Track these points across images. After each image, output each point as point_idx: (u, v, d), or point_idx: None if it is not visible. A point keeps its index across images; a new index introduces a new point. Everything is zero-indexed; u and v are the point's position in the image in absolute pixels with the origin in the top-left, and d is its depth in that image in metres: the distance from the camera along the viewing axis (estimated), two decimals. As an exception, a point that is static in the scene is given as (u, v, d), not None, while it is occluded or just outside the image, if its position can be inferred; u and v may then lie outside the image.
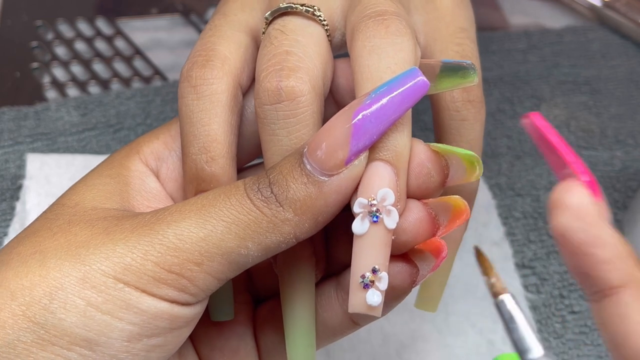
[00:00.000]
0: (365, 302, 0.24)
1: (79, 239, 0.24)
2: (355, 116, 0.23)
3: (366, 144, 0.23)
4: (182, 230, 0.23)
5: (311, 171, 0.23)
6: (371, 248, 0.24)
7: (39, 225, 0.25)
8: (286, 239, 0.24)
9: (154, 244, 0.23)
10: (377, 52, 0.25)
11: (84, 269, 0.23)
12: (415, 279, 0.26)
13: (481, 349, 0.39)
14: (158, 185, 0.28)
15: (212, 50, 0.27)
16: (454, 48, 0.30)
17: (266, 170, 0.24)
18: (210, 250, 0.23)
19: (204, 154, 0.26)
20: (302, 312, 0.26)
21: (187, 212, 0.24)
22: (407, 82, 0.23)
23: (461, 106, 0.29)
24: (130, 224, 0.24)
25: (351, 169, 0.23)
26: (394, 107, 0.23)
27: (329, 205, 0.24)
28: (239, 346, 0.29)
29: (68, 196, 0.26)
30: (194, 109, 0.26)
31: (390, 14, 0.25)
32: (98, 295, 0.23)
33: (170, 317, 0.24)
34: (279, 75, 0.25)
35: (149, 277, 0.23)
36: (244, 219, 0.23)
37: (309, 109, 0.25)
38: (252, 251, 0.24)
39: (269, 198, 0.23)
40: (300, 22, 0.26)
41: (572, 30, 0.56)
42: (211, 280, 0.24)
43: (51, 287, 0.23)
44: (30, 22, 0.53)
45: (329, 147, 0.23)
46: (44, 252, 0.24)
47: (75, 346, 0.23)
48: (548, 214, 0.22)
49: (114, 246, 0.23)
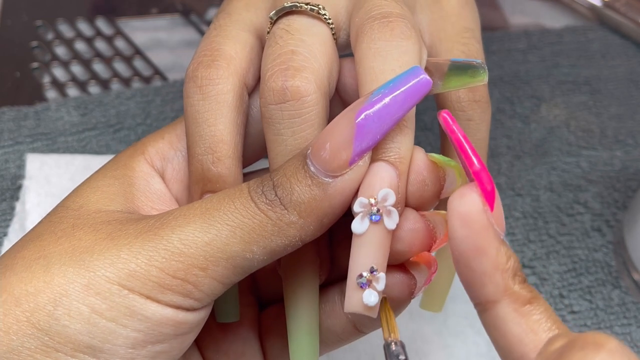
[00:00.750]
0: (361, 301, 0.23)
1: (83, 244, 0.24)
2: (358, 116, 0.23)
3: (370, 144, 0.23)
4: (186, 235, 0.23)
5: (315, 173, 0.23)
6: (370, 247, 0.23)
7: (43, 229, 0.25)
8: (291, 241, 0.24)
9: (158, 250, 0.23)
10: (381, 54, 0.24)
11: (89, 275, 0.23)
12: (414, 290, 0.26)
13: (481, 349, 0.39)
14: (163, 187, 0.28)
15: (217, 50, 0.27)
16: (460, 48, 0.30)
17: (270, 173, 0.24)
18: (215, 255, 0.23)
19: (210, 154, 0.26)
20: (305, 314, 0.26)
21: (191, 216, 0.24)
22: (410, 80, 0.23)
23: (467, 106, 0.29)
24: (134, 229, 0.24)
25: (355, 170, 0.23)
26: (397, 106, 0.23)
27: (334, 207, 0.24)
28: (244, 349, 0.29)
29: (72, 198, 0.26)
30: (199, 109, 0.26)
31: (395, 15, 0.25)
32: (102, 302, 0.23)
33: (174, 323, 0.24)
34: (284, 75, 0.25)
35: (153, 283, 0.23)
36: (248, 222, 0.23)
37: (314, 109, 0.25)
38: (257, 255, 0.23)
39: (273, 201, 0.23)
40: (306, 22, 0.26)
41: (572, 30, 0.56)
42: (216, 285, 0.24)
43: (55, 293, 0.23)
44: (30, 22, 0.53)
45: (332, 148, 0.23)
46: (48, 257, 0.24)
47: (79, 353, 0.23)
48: None
49: (118, 252, 0.23)
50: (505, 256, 0.22)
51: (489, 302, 0.22)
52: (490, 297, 0.22)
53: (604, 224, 0.44)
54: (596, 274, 0.42)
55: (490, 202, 0.22)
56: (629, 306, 0.41)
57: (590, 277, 0.42)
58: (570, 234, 0.44)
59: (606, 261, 0.43)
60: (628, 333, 0.40)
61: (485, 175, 0.22)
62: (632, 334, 0.40)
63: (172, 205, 0.28)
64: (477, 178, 0.22)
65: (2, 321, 0.22)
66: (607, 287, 0.42)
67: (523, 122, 0.49)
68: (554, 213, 0.45)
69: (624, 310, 0.41)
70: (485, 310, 0.22)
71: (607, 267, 0.42)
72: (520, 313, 0.21)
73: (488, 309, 0.22)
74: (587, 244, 0.43)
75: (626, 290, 0.42)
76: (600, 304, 0.41)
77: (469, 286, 0.22)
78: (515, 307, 0.21)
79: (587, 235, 0.44)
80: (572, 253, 0.43)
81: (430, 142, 0.47)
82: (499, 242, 0.22)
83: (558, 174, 0.46)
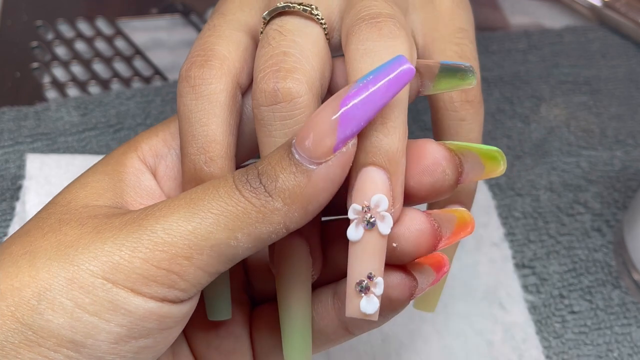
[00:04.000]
0: (361, 308, 0.24)
1: (68, 238, 0.24)
2: (342, 104, 0.23)
3: (354, 130, 0.23)
4: (170, 224, 0.23)
5: (300, 160, 0.23)
6: (366, 254, 0.24)
7: (31, 225, 0.25)
8: (276, 229, 0.23)
9: (142, 240, 0.23)
10: (369, 54, 0.25)
11: (72, 269, 0.23)
12: (414, 292, 0.26)
13: (481, 349, 0.39)
14: (154, 183, 0.28)
15: (210, 50, 0.27)
16: (453, 48, 0.30)
17: (255, 163, 0.24)
18: (199, 243, 0.23)
19: (203, 154, 0.26)
20: (298, 312, 0.26)
21: (175, 206, 0.23)
22: (394, 69, 0.23)
23: (459, 106, 0.29)
24: (119, 222, 0.24)
25: (339, 156, 0.23)
26: (381, 93, 0.23)
27: (319, 194, 0.23)
28: (235, 346, 0.29)
29: (62, 195, 0.26)
30: (192, 108, 0.26)
31: (384, 16, 0.25)
32: (86, 297, 0.23)
33: (158, 317, 0.23)
34: (275, 76, 0.25)
35: (137, 275, 0.23)
36: (232, 210, 0.23)
37: (306, 110, 0.25)
38: (241, 242, 0.23)
39: (257, 189, 0.23)
40: (298, 22, 0.26)
41: (572, 30, 0.56)
42: (201, 274, 0.23)
43: (40, 287, 0.23)
44: (30, 22, 0.53)
45: (316, 136, 0.23)
46: (34, 252, 0.24)
47: (62, 348, 0.23)
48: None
49: (102, 245, 0.23)
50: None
51: None
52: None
53: (604, 224, 0.44)
54: (596, 274, 0.42)
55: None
56: (629, 306, 0.41)
57: (590, 277, 0.42)
58: (570, 234, 0.44)
59: (606, 261, 0.43)
60: (628, 333, 0.40)
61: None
62: (632, 334, 0.40)
63: None
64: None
65: None
66: (607, 287, 0.42)
67: (523, 122, 0.49)
68: (554, 213, 0.45)
69: (624, 310, 0.41)
70: None
71: (607, 267, 0.42)
72: None
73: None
74: (587, 244, 0.43)
75: (626, 290, 0.42)
76: (600, 304, 0.41)
77: None
78: None
79: (587, 235, 0.44)
80: (572, 253, 0.43)
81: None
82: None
83: (558, 174, 0.46)
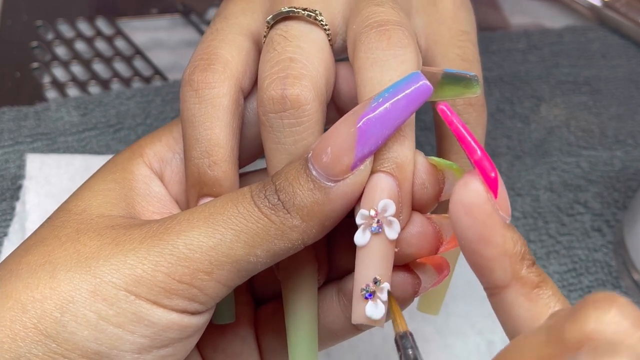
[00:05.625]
0: (367, 313, 0.24)
1: (87, 249, 0.24)
2: (359, 121, 0.23)
3: (371, 149, 0.23)
4: (191, 239, 0.23)
5: (317, 177, 0.23)
6: (373, 259, 0.24)
7: (46, 233, 0.25)
8: (294, 245, 0.24)
9: (164, 255, 0.23)
10: (379, 64, 0.25)
11: (95, 282, 0.23)
12: (417, 290, 0.26)
13: (481, 349, 0.39)
14: (162, 189, 0.28)
15: (213, 54, 0.27)
16: (455, 51, 0.30)
17: (271, 177, 0.24)
18: (220, 259, 0.23)
19: (206, 158, 0.26)
20: (304, 317, 0.27)
21: (195, 220, 0.24)
22: (410, 86, 0.23)
23: (462, 110, 0.29)
24: (139, 234, 0.24)
25: (357, 174, 0.23)
26: (398, 111, 0.23)
27: (336, 211, 0.24)
28: (242, 348, 0.29)
29: (74, 202, 0.26)
30: (195, 112, 0.26)
31: (392, 23, 0.25)
32: (109, 309, 0.23)
33: (180, 327, 0.24)
34: (283, 83, 0.25)
35: (160, 288, 0.23)
36: (252, 227, 0.23)
37: (313, 117, 0.25)
38: (260, 258, 0.24)
39: (276, 205, 0.23)
40: (303, 28, 0.26)
41: (572, 30, 0.56)
42: (220, 288, 0.24)
43: (62, 300, 0.23)
44: (30, 22, 0.53)
45: (334, 153, 0.23)
46: (53, 263, 0.24)
47: (86, 359, 0.23)
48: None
49: (124, 257, 0.23)
50: (512, 241, 0.22)
51: (498, 287, 0.22)
52: (499, 283, 0.22)
53: (604, 224, 0.44)
54: (596, 274, 0.42)
55: (493, 189, 0.22)
56: (629, 306, 0.41)
57: (590, 277, 0.42)
58: (570, 234, 0.44)
59: (606, 261, 0.43)
60: (628, 333, 0.40)
61: (487, 162, 0.22)
62: (632, 334, 0.40)
63: (173, 208, 0.28)
64: (479, 166, 0.22)
65: (9, 328, 0.23)
66: (607, 287, 0.42)
67: (523, 122, 0.49)
68: (554, 213, 0.45)
69: (624, 310, 0.41)
70: (494, 294, 0.22)
71: (607, 267, 0.42)
72: (529, 297, 0.21)
73: (497, 294, 0.22)
74: (587, 244, 0.43)
75: (626, 290, 0.42)
76: (600, 304, 0.41)
77: (478, 272, 0.22)
78: (523, 292, 0.22)
79: (587, 235, 0.44)
80: (572, 253, 0.43)
81: (430, 142, 0.47)
82: (505, 228, 0.22)
83: (558, 174, 0.46)
